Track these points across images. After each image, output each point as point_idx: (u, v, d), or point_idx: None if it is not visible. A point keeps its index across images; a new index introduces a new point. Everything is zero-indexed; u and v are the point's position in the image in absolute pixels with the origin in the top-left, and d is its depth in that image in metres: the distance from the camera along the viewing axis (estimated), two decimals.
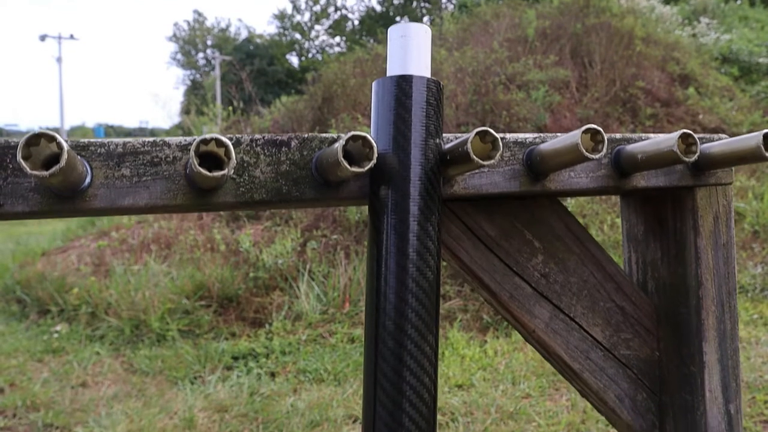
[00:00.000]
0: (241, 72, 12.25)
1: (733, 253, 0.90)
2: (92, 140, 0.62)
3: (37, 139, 0.51)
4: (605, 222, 6.21)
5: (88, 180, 0.61)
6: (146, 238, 6.90)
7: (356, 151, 0.60)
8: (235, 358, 4.58)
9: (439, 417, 3.65)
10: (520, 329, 0.89)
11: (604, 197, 6.81)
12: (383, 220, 0.63)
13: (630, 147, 0.80)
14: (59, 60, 38.68)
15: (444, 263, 4.24)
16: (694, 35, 11.81)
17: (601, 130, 0.67)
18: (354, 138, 0.59)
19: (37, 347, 5.22)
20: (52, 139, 0.52)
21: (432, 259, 0.62)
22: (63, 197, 0.60)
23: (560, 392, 3.99)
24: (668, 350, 0.93)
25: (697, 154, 0.74)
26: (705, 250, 0.87)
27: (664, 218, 0.94)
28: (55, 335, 5.40)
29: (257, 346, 4.67)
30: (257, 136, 0.66)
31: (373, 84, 0.67)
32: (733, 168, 0.90)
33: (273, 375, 4.34)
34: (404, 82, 0.64)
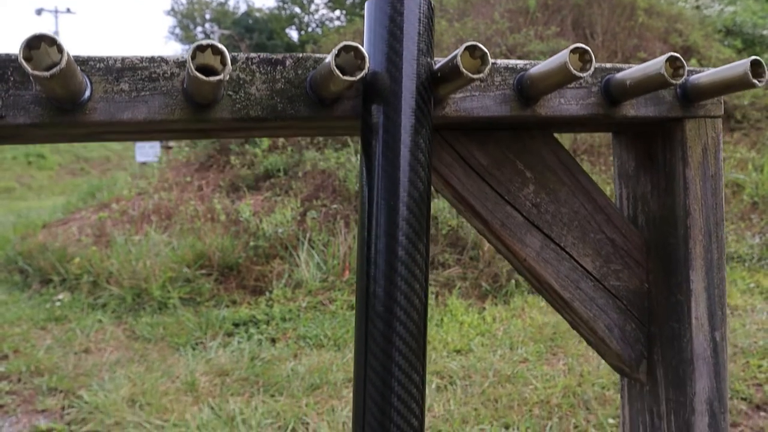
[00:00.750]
0: (240, 44, 12.17)
1: (721, 185, 0.92)
2: (91, 55, 0.63)
3: (37, 41, 0.53)
4: (604, 191, 6.21)
5: (87, 93, 0.62)
6: (146, 209, 6.92)
7: (348, 63, 0.61)
8: (236, 325, 4.63)
9: (437, 380, 3.70)
10: (511, 258, 0.92)
11: (603, 168, 6.82)
12: (375, 135, 0.65)
13: (619, 74, 0.81)
14: (56, 34, 38.37)
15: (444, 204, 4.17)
16: (697, 7, 11.71)
17: (589, 49, 0.68)
18: (346, 49, 0.60)
19: (39, 315, 5.27)
20: (53, 42, 0.53)
21: (422, 171, 0.64)
22: (63, 110, 0.62)
23: (557, 357, 4.04)
24: (657, 281, 0.96)
25: (685, 77, 0.75)
26: (693, 180, 0.89)
27: (654, 152, 0.95)
28: (58, 304, 5.45)
29: (258, 313, 4.71)
30: (253, 54, 0.67)
31: (366, 4, 0.68)
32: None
33: (273, 341, 4.39)
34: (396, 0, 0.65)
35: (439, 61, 0.70)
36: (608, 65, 0.84)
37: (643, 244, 0.97)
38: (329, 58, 0.61)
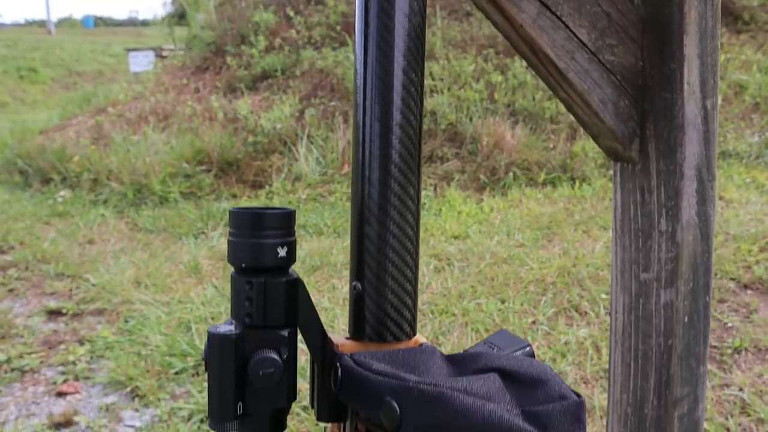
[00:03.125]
0: None
1: None
2: None
3: None
4: None
5: None
6: (143, 111, 6.87)
7: None
8: None
9: (435, 262, 3.79)
10: (506, 27, 0.92)
11: None
12: None
13: None
14: None
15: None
16: None
17: None
18: None
19: (42, 212, 5.33)
20: None
21: None
22: None
23: (553, 243, 4.12)
24: (652, 55, 0.97)
25: None
26: None
27: None
28: (59, 200, 5.50)
29: (258, 204, 4.76)
30: None
31: None
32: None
33: None
34: None
35: None
36: None
37: (639, 21, 0.97)
38: None
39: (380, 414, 0.51)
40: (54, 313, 3.50)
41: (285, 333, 0.60)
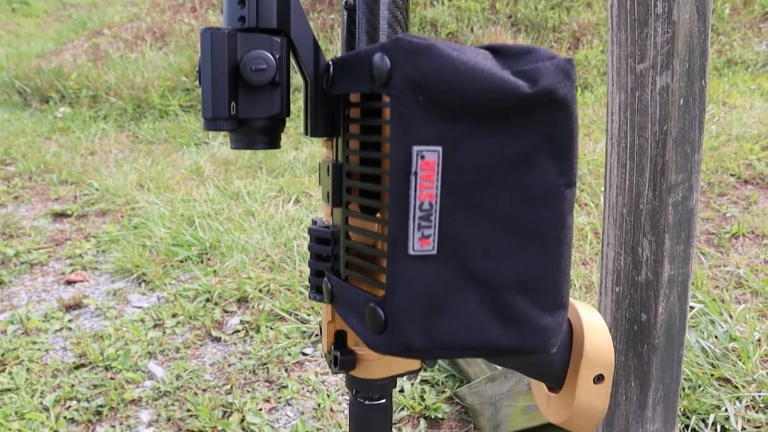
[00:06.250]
0: None
1: None
2: None
3: None
4: None
5: None
6: (140, 30, 6.75)
7: None
8: None
9: None
10: None
11: None
12: None
13: None
14: None
15: None
16: None
17: None
18: None
19: (43, 128, 5.32)
20: None
21: None
22: None
23: None
24: None
25: None
26: None
27: None
28: (59, 116, 5.47)
29: None
30: None
31: None
32: None
33: None
34: None
35: None
36: None
37: None
38: None
39: (372, 74, 0.51)
40: (59, 215, 3.53)
41: (278, 39, 0.61)
